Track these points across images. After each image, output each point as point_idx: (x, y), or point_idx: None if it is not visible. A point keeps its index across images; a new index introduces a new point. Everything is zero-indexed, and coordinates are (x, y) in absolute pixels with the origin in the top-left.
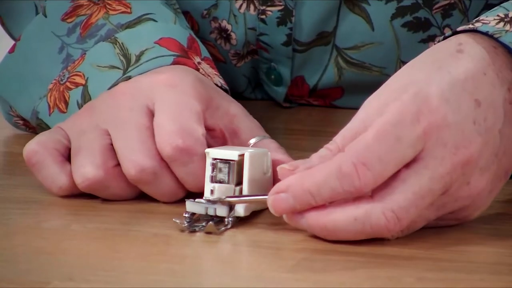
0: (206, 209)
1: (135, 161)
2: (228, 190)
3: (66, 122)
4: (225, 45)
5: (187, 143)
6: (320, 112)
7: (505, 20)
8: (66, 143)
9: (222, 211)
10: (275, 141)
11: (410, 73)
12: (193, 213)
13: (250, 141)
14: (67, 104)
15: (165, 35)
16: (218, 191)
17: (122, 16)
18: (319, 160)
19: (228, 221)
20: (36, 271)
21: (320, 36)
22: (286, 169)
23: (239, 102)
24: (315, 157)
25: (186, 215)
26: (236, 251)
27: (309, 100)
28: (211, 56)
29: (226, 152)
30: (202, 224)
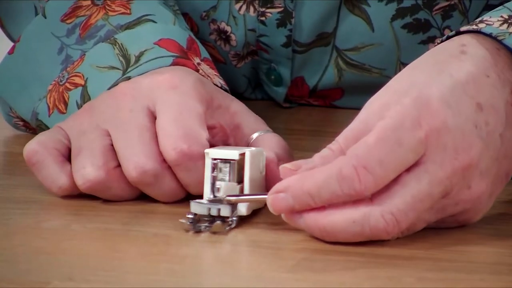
0: (209, 209)
1: (137, 163)
2: (232, 188)
3: (66, 122)
4: (224, 46)
5: (192, 148)
6: (320, 112)
7: (508, 21)
8: (66, 143)
9: (226, 212)
10: (278, 135)
11: (411, 75)
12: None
13: (253, 135)
14: (67, 105)
15: (164, 36)
16: (224, 189)
17: (121, 17)
18: (321, 160)
19: (232, 220)
20: (36, 271)
21: (320, 37)
22: (288, 168)
23: None
24: (317, 157)
25: (190, 216)
26: (236, 251)
27: (309, 100)
28: (211, 57)
29: (227, 152)
30: (206, 224)
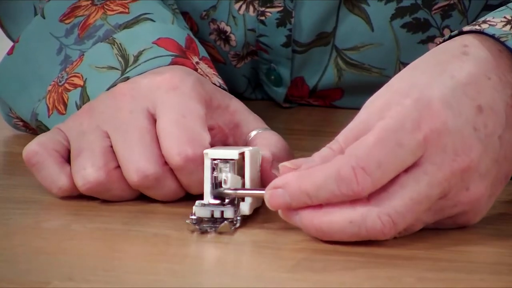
0: (212, 212)
1: (138, 167)
2: (237, 181)
3: (66, 123)
4: (224, 46)
5: (196, 152)
6: (320, 112)
7: (511, 22)
8: (65, 144)
9: (229, 213)
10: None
11: (412, 75)
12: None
13: (251, 133)
14: (66, 105)
15: (163, 35)
16: (230, 180)
17: (120, 16)
18: (321, 160)
19: (236, 220)
20: (36, 271)
21: (319, 36)
22: (288, 167)
23: None
24: (317, 156)
25: (194, 217)
26: (236, 251)
27: (309, 100)
28: (211, 57)
29: (226, 152)
30: (211, 224)
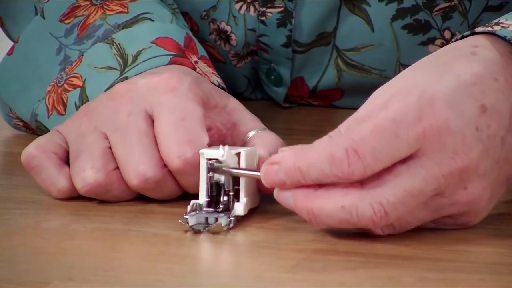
0: (206, 219)
1: (138, 170)
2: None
3: (64, 125)
4: (224, 45)
5: (196, 155)
6: (320, 112)
7: None
8: (64, 146)
9: (224, 220)
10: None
11: (418, 72)
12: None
13: (249, 133)
14: (65, 106)
15: (161, 35)
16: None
17: (119, 16)
18: None
19: (231, 220)
20: (36, 271)
21: (320, 37)
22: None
23: None
24: (317, 143)
25: (187, 216)
26: (236, 251)
27: (309, 101)
28: (211, 56)
29: (222, 152)
30: (204, 224)
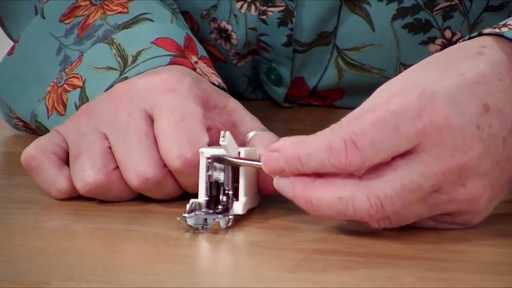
0: (205, 220)
1: (138, 170)
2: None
3: (64, 125)
4: (225, 44)
5: (196, 156)
6: (320, 112)
7: None
8: (64, 147)
9: (223, 222)
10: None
11: (423, 69)
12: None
13: (249, 134)
14: (65, 106)
15: (161, 35)
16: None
17: (119, 16)
18: None
19: (229, 219)
20: (36, 271)
21: (320, 36)
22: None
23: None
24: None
25: (186, 215)
26: (236, 251)
27: (309, 101)
28: (212, 55)
29: (222, 151)
30: (203, 223)
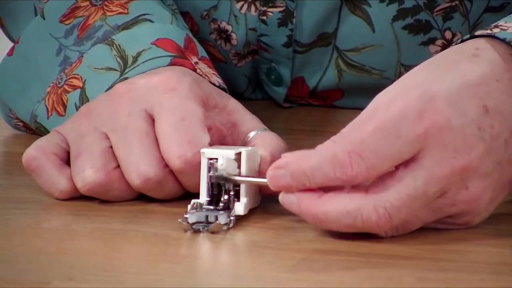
0: (207, 217)
1: (139, 170)
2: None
3: (64, 126)
4: (225, 45)
5: (197, 155)
6: (320, 112)
7: None
8: (64, 147)
9: (223, 219)
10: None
11: (422, 72)
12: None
13: (250, 134)
14: (65, 107)
15: (161, 36)
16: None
17: (119, 17)
18: None
19: (230, 220)
20: (36, 271)
21: (320, 37)
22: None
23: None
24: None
25: (187, 216)
26: (236, 251)
27: (309, 101)
28: (212, 56)
29: (222, 151)
30: (204, 224)
